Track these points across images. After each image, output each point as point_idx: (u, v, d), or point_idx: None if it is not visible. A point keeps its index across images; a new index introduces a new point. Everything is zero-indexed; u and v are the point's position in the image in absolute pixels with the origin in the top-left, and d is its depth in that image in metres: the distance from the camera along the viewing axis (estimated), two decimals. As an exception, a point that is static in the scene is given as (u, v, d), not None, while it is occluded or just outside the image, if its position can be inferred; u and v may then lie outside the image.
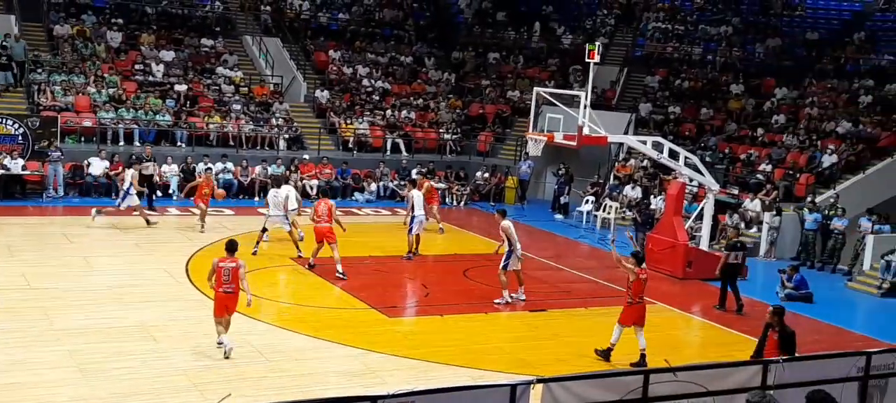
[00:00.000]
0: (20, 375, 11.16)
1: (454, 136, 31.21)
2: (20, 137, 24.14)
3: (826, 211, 22.56)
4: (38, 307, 13.96)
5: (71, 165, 24.53)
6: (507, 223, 16.12)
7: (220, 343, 12.28)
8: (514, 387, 7.79)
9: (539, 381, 7.94)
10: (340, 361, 12.59)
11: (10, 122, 24.19)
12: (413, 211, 19.71)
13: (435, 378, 11.80)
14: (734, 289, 17.12)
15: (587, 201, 26.86)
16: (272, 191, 19.60)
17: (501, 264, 16.09)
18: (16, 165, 23.46)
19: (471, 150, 31.31)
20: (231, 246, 12.50)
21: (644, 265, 13.78)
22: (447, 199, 27.53)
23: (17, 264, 16.59)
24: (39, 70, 27.47)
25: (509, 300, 16.11)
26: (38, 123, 24.53)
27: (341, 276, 16.81)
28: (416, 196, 20.08)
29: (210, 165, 23.98)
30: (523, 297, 16.36)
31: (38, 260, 17.11)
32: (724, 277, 17.19)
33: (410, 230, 19.65)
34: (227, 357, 12.07)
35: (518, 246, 16.09)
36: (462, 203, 27.99)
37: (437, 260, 19.02)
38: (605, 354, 13.32)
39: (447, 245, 21.78)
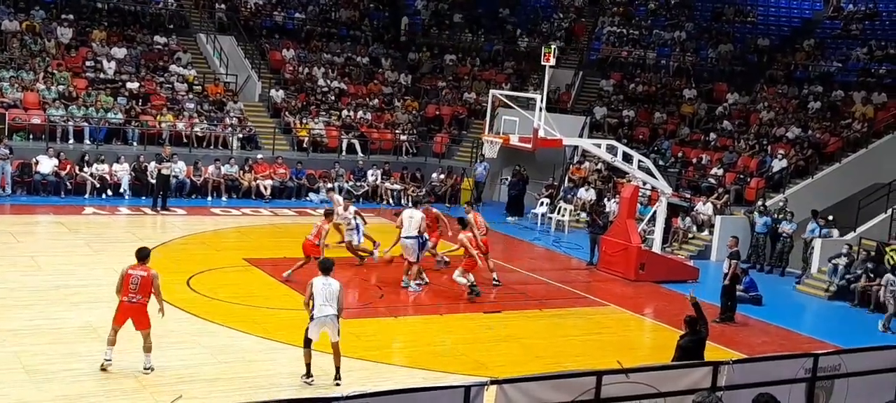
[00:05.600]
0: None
1: (410, 137, 31.19)
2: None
3: (775, 215, 22.95)
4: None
5: (19, 163, 24.03)
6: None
7: (106, 361, 11.36)
8: (468, 388, 7.80)
9: (493, 382, 7.96)
10: (293, 363, 12.47)
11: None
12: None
13: (389, 380, 11.77)
14: (734, 299, 17.10)
15: (542, 203, 27.01)
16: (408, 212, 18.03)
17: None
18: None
19: (427, 152, 31.29)
20: (143, 254, 11.65)
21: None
22: (402, 200, 27.46)
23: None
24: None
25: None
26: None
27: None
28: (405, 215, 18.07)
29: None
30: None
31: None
32: (732, 286, 17.02)
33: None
34: (146, 370, 11.39)
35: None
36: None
37: (391, 262, 18.95)
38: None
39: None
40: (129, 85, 28.39)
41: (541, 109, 19.90)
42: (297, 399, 8.56)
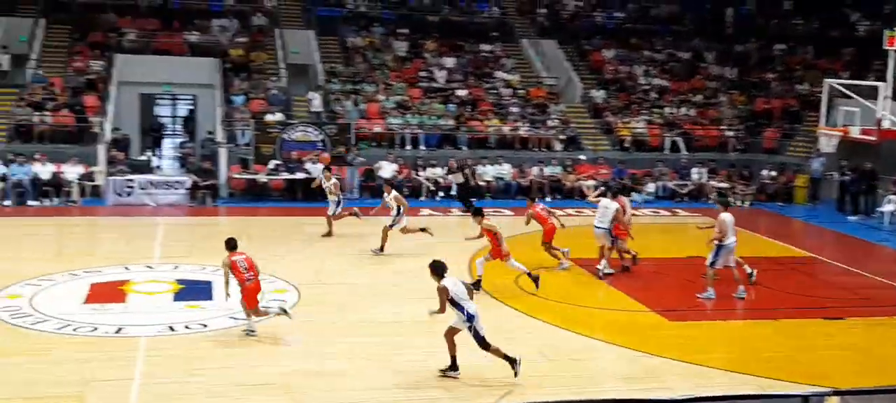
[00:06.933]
0: (322, 363, 12.07)
1: (737, 133, 29.89)
2: (320, 143, 26.21)
3: None
4: (331, 302, 15.02)
5: (364, 169, 26.21)
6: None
7: (250, 331, 12.87)
8: (806, 399, 7.32)
9: (835, 393, 7.39)
10: (617, 363, 12.42)
11: (311, 130, 26.35)
12: (723, 239, 15.47)
13: (719, 386, 11.27)
14: None
15: (889, 201, 24.60)
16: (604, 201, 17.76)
17: (709, 260, 15.59)
18: (316, 169, 25.39)
19: (756, 148, 29.82)
20: (233, 243, 12.90)
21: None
22: (730, 200, 26.30)
23: (314, 260, 18.04)
24: (335, 80, 29.62)
25: (713, 296, 15.60)
26: (335, 131, 26.50)
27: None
28: (728, 219, 15.59)
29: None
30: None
31: (330, 256, 18.47)
32: None
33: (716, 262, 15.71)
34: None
35: (731, 239, 15.46)
36: (746, 203, 26.68)
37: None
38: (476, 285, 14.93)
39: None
40: (458, 92, 29.92)
41: (887, 98, 18.17)
42: (626, 401, 8.45)
